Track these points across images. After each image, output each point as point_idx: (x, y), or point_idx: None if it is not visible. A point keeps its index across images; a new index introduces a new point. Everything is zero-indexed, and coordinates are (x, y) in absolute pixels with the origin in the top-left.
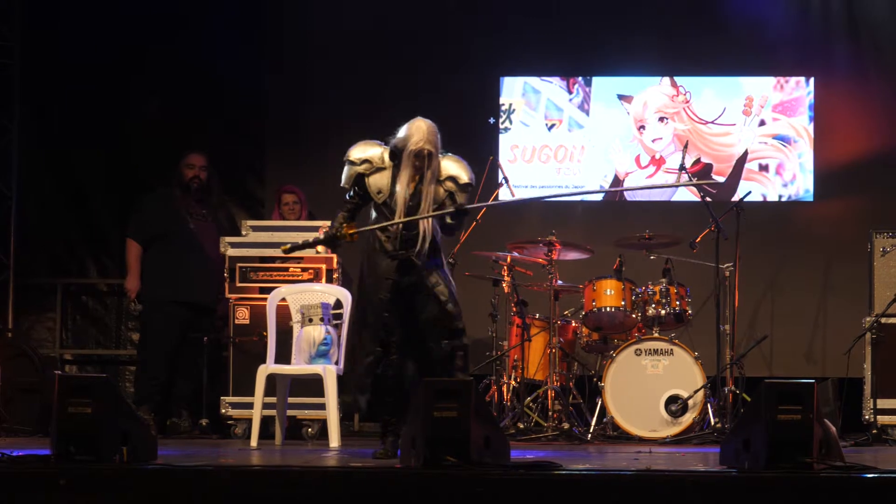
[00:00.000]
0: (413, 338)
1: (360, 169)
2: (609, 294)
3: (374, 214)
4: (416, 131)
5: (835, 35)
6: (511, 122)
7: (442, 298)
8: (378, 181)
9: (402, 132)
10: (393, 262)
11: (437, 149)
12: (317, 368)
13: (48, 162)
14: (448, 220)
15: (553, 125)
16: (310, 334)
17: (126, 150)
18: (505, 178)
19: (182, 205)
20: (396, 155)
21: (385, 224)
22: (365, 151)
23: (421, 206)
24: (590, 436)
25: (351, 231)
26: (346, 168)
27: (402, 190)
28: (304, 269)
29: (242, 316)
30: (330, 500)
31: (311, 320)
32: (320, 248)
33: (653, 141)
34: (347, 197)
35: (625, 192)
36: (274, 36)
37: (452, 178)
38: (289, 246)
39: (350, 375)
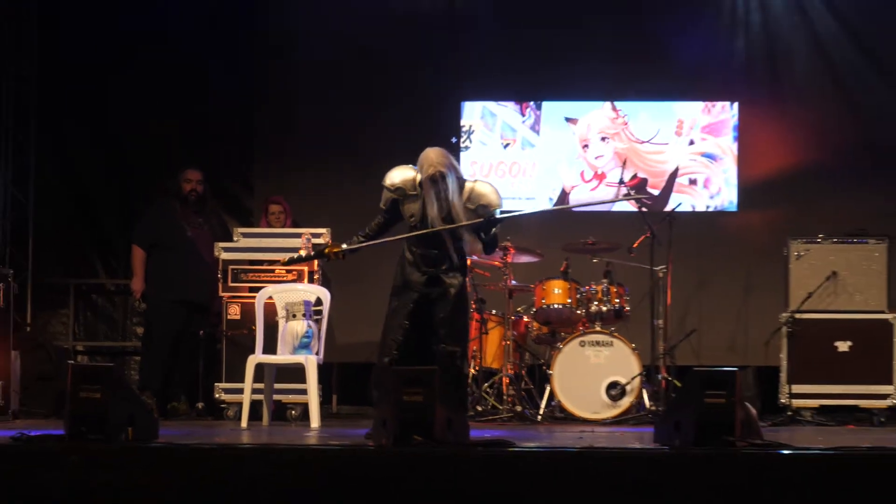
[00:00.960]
0: (422, 338)
1: (394, 195)
2: (557, 293)
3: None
4: (425, 160)
5: (757, 65)
6: (471, 142)
7: (448, 322)
8: (410, 208)
9: (417, 166)
10: (423, 276)
11: (449, 167)
12: (299, 358)
13: (58, 170)
14: (482, 235)
15: (508, 144)
16: (293, 328)
17: (125, 156)
18: None
19: (181, 215)
20: (422, 185)
21: (364, 245)
22: (397, 178)
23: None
24: (539, 417)
25: (335, 250)
26: (383, 191)
27: (434, 213)
28: (288, 271)
29: (234, 312)
30: (311, 475)
31: (294, 316)
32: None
33: (595, 158)
34: (380, 214)
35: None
36: (263, 48)
37: (485, 207)
38: (287, 258)
39: (375, 369)
